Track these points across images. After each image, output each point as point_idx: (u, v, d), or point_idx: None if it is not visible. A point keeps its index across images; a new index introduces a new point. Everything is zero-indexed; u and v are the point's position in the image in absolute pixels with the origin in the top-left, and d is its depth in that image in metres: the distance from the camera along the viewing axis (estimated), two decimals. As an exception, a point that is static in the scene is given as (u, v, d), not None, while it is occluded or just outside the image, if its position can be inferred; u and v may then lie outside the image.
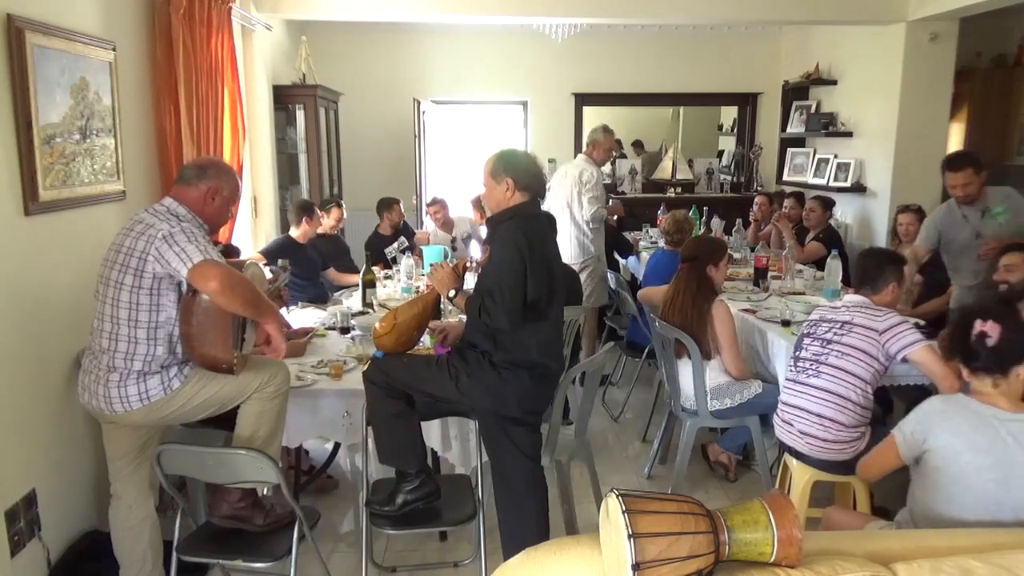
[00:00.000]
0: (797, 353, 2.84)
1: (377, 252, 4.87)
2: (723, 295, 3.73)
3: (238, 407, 2.46)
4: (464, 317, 2.73)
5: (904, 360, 2.61)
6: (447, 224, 5.90)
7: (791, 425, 2.78)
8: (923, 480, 2.04)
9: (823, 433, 2.67)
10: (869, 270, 2.79)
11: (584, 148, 5.01)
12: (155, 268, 2.22)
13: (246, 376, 2.41)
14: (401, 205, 5.54)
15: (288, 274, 3.45)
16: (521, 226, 2.41)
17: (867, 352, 2.63)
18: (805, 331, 2.86)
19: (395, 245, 4.89)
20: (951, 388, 2.46)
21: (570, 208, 4.81)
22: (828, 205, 5.26)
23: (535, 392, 2.48)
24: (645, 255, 5.34)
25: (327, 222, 4.83)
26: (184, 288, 2.27)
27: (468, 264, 2.76)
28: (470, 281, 2.93)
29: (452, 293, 2.52)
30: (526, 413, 2.49)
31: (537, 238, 2.41)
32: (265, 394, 2.44)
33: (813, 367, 2.73)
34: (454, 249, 5.64)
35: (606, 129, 4.96)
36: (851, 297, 2.79)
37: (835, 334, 2.71)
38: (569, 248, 4.82)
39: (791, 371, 2.85)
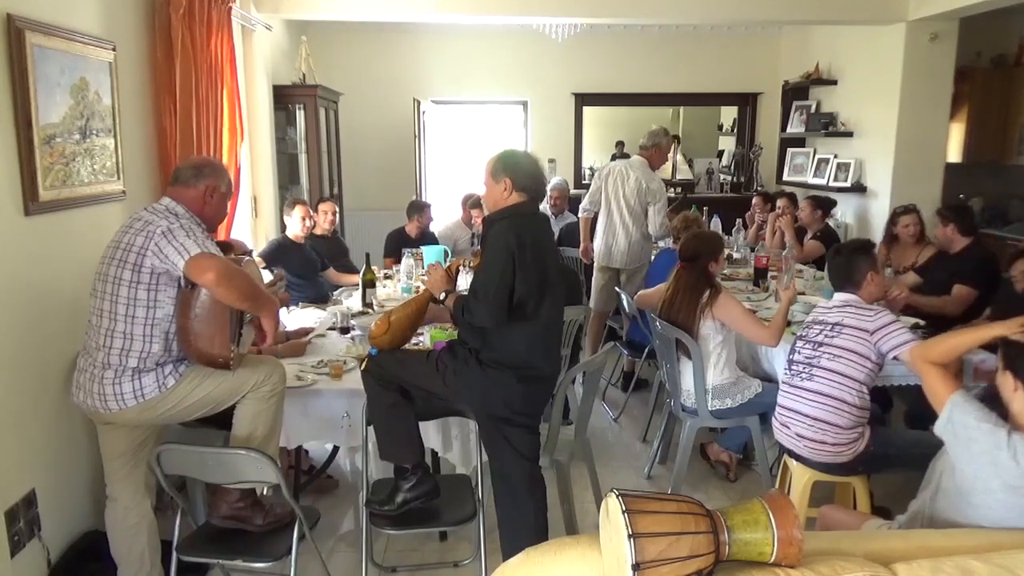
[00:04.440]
0: (791, 356, 2.83)
1: (394, 246, 5.09)
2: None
3: (234, 407, 2.46)
4: None
5: (896, 359, 2.60)
6: (470, 218, 5.87)
7: (788, 428, 2.77)
8: (944, 490, 1.96)
9: (820, 436, 2.66)
10: (841, 268, 2.78)
11: (641, 150, 4.87)
12: (153, 263, 2.23)
13: (241, 375, 2.41)
14: (431, 210, 5.54)
15: (284, 282, 3.47)
16: (514, 226, 2.41)
17: (859, 353, 2.61)
18: (799, 333, 2.86)
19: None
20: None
21: (634, 212, 4.74)
22: (822, 205, 5.22)
23: (523, 393, 2.46)
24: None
25: (319, 221, 4.80)
26: (183, 283, 2.27)
27: (462, 265, 2.77)
28: (465, 281, 2.93)
29: (443, 295, 2.54)
30: (516, 414, 2.48)
31: (530, 238, 2.40)
32: (261, 394, 2.44)
33: (806, 370, 2.72)
34: (472, 243, 5.63)
35: (667, 132, 4.89)
36: (841, 296, 2.78)
37: (826, 336, 2.70)
38: (627, 252, 4.80)
39: (786, 374, 2.84)
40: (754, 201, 5.99)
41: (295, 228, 4.43)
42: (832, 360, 2.65)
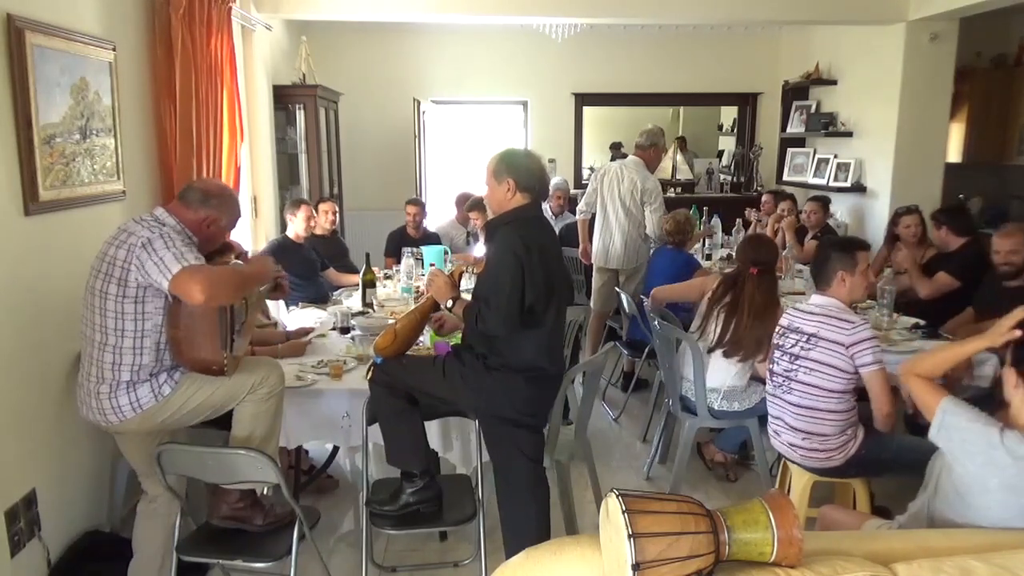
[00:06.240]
0: (771, 366, 2.78)
1: (395, 245, 5.10)
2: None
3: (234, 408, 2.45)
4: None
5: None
6: (465, 217, 5.87)
7: (779, 436, 2.77)
8: (943, 491, 1.96)
9: (808, 444, 2.64)
10: (817, 264, 2.74)
11: (638, 150, 4.84)
12: (138, 278, 2.21)
13: (239, 378, 2.41)
14: (424, 208, 5.54)
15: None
16: (519, 231, 2.40)
17: (835, 366, 2.56)
18: (776, 341, 2.77)
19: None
20: (884, 415, 2.53)
21: (630, 213, 4.72)
22: (826, 204, 5.26)
23: (531, 394, 2.47)
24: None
25: (320, 221, 4.79)
26: (169, 295, 2.25)
27: (464, 269, 2.78)
28: (467, 285, 2.93)
29: (450, 303, 2.53)
30: (523, 415, 2.49)
31: (535, 243, 2.40)
32: (259, 395, 2.44)
33: (785, 383, 2.69)
34: (468, 243, 5.63)
35: (663, 132, 4.88)
36: (817, 299, 2.70)
37: (802, 348, 2.63)
38: (623, 253, 4.78)
39: (770, 384, 2.80)
40: (764, 199, 6.01)
41: (297, 228, 4.43)
42: (808, 374, 2.61)
